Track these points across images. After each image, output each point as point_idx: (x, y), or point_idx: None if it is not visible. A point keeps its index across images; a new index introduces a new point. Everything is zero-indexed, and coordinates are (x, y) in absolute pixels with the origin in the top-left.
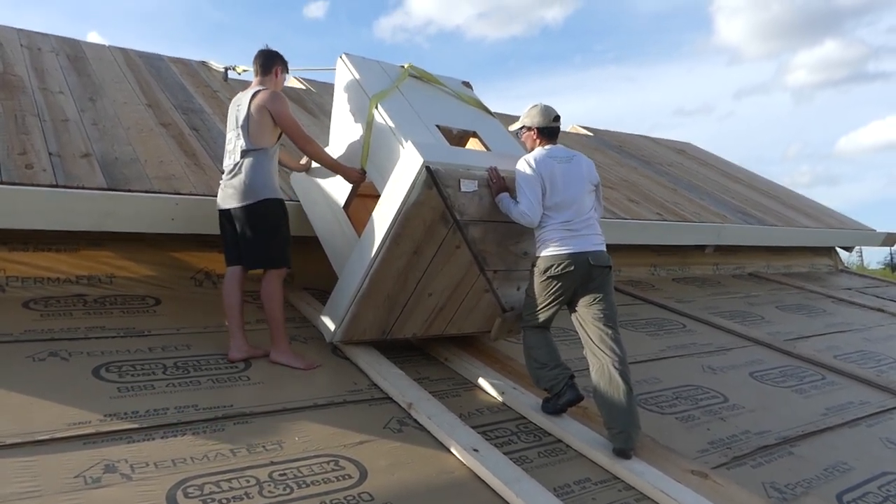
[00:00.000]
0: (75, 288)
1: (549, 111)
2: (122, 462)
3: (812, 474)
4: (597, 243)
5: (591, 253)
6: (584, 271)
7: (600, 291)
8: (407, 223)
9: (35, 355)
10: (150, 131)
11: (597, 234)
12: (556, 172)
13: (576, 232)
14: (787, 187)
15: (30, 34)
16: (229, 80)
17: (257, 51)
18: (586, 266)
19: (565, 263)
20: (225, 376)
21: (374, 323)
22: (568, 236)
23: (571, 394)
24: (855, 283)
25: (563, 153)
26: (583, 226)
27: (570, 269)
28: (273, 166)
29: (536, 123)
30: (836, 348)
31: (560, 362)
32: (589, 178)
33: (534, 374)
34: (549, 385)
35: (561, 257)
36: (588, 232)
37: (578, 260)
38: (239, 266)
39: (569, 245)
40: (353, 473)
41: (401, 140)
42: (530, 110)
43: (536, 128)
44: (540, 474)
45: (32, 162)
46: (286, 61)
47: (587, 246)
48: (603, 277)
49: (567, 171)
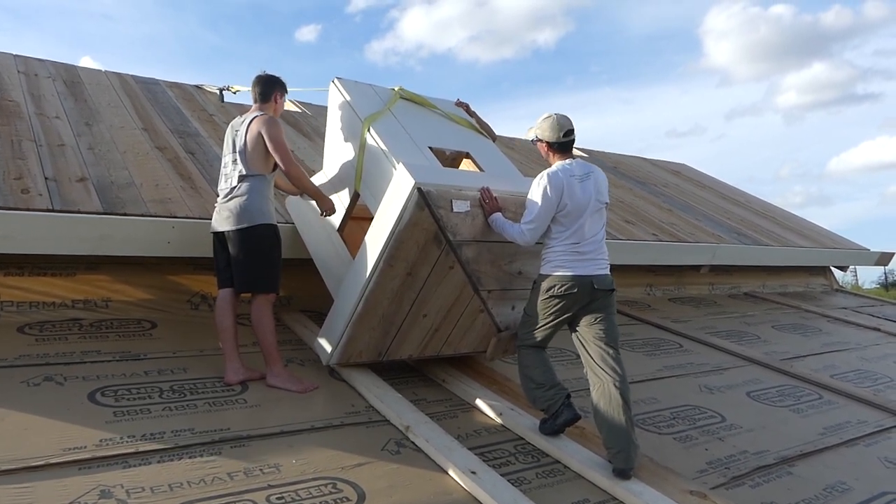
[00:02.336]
0: (71, 312)
1: (562, 124)
2: (118, 487)
3: (811, 494)
4: (602, 267)
5: (596, 277)
6: (586, 293)
7: (602, 311)
8: (400, 244)
9: (30, 380)
10: (146, 155)
11: (603, 258)
12: (570, 191)
13: (583, 255)
14: (781, 208)
15: (27, 60)
16: (225, 104)
17: (255, 77)
18: (589, 289)
19: (569, 285)
20: (221, 399)
21: (370, 345)
22: (575, 259)
23: (569, 413)
24: (850, 303)
25: (581, 169)
26: (590, 248)
27: (573, 291)
28: (269, 192)
29: (547, 138)
30: (833, 367)
31: (556, 382)
32: (600, 196)
33: (530, 395)
34: (546, 405)
35: (565, 279)
36: (595, 255)
37: (582, 283)
38: (230, 289)
39: (574, 268)
40: (351, 496)
41: (393, 162)
42: (542, 122)
43: (547, 142)
44: (538, 496)
45: (28, 186)
46: (284, 85)
47: (592, 270)
48: (606, 299)
49: (585, 191)
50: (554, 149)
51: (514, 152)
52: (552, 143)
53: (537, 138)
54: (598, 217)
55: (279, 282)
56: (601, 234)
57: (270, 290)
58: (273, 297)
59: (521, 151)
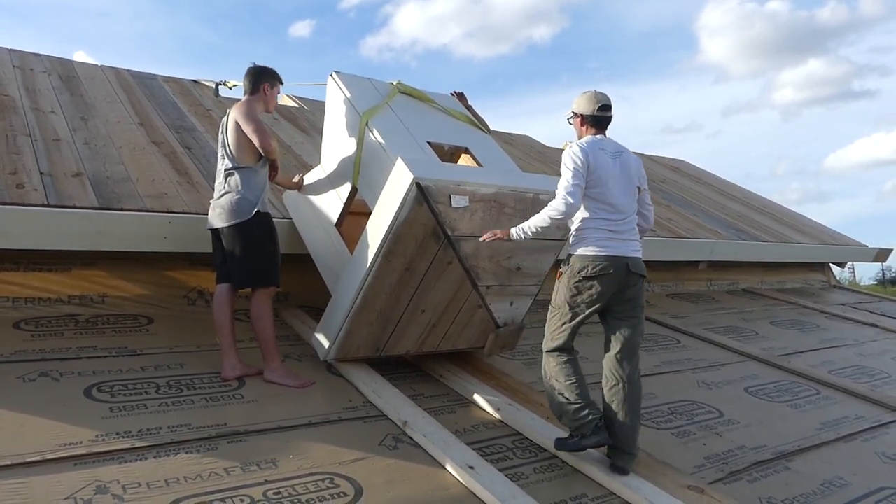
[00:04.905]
0: (67, 308)
1: (597, 98)
2: (115, 483)
3: (809, 489)
4: (636, 249)
5: (631, 259)
6: (621, 277)
7: (634, 307)
8: (398, 239)
9: (25, 376)
10: (143, 150)
11: (636, 240)
12: (603, 164)
13: (617, 235)
14: (779, 204)
15: (22, 54)
16: (221, 97)
17: (247, 69)
18: (624, 272)
19: (603, 265)
20: (218, 395)
21: (367, 340)
22: (609, 237)
23: (599, 438)
24: (848, 299)
25: (613, 147)
26: (625, 228)
27: (608, 272)
28: (259, 182)
29: (582, 110)
30: (831, 363)
31: (589, 400)
32: (637, 178)
33: (556, 409)
34: (574, 426)
35: (599, 258)
36: (629, 237)
37: (618, 264)
38: (228, 284)
39: (609, 247)
40: (349, 491)
41: (391, 156)
42: (580, 97)
43: (581, 114)
44: (536, 491)
45: (23, 181)
46: (275, 74)
47: (627, 251)
48: (638, 288)
49: (615, 167)
50: (588, 122)
51: (512, 148)
52: (586, 115)
53: (572, 113)
54: (631, 199)
55: (279, 273)
56: (634, 217)
57: (269, 283)
58: (273, 291)
59: (519, 147)
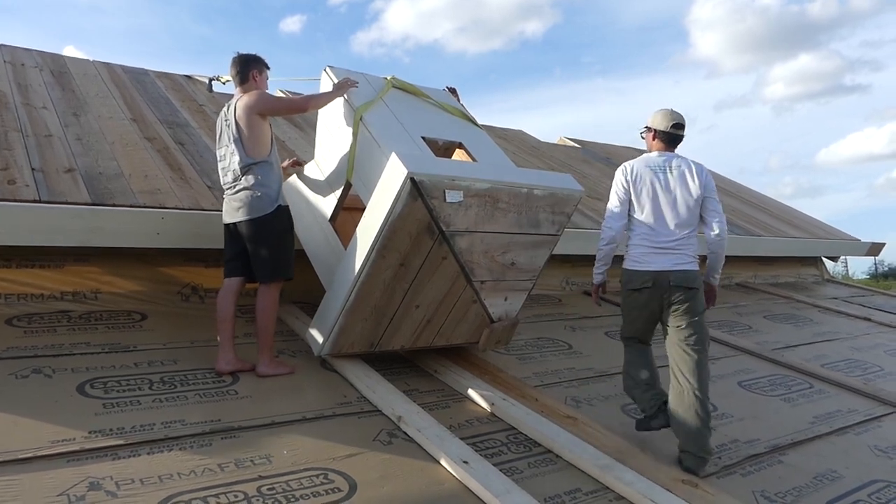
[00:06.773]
0: (60, 304)
1: (672, 117)
2: (108, 479)
3: (802, 483)
4: (680, 262)
5: (673, 273)
6: (663, 290)
7: (687, 313)
8: (392, 235)
9: (18, 372)
10: (135, 146)
11: (684, 253)
12: (646, 182)
13: (661, 249)
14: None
15: (13, 49)
16: (214, 93)
17: (231, 60)
18: (666, 286)
19: (642, 281)
20: (212, 391)
21: (362, 335)
22: (649, 252)
23: (661, 420)
24: (841, 293)
25: (662, 162)
26: (669, 242)
27: (647, 286)
28: (275, 175)
29: (656, 126)
30: (824, 357)
31: (655, 385)
32: (697, 188)
33: (628, 391)
34: (642, 406)
35: (637, 274)
36: (676, 249)
37: (658, 279)
38: (238, 279)
39: (648, 263)
40: (343, 486)
41: (385, 151)
42: (655, 113)
43: (655, 129)
44: (530, 485)
45: (15, 177)
46: (262, 60)
47: (668, 265)
48: (688, 296)
49: (660, 182)
50: (659, 137)
51: (506, 143)
52: (658, 130)
53: (646, 128)
54: (684, 212)
55: (293, 265)
56: (688, 230)
57: (288, 275)
58: (282, 283)
59: (513, 142)
